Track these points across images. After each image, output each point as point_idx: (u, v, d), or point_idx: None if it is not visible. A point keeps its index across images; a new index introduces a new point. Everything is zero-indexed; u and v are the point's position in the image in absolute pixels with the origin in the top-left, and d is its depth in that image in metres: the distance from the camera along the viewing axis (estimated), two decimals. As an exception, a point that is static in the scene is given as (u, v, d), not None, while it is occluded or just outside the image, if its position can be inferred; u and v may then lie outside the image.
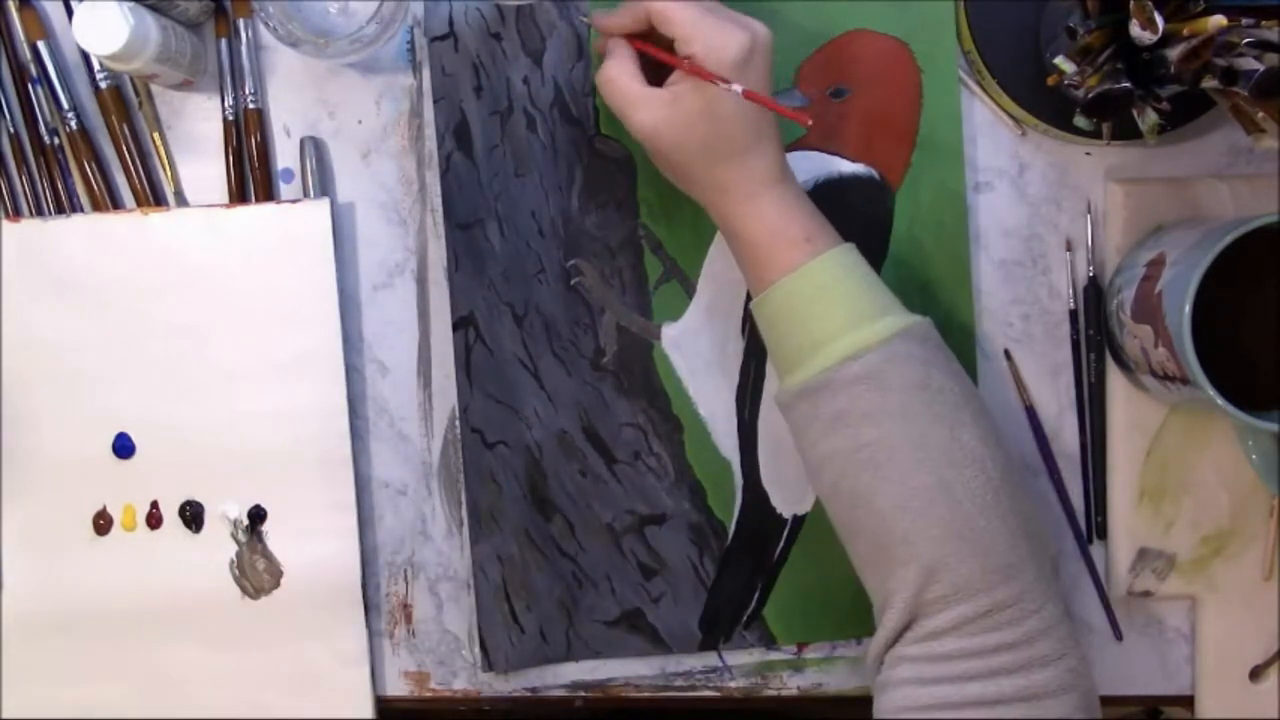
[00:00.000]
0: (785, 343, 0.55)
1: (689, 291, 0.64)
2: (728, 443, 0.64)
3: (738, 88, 0.51)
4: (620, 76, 0.55)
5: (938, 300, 0.63)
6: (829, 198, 0.61)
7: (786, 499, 0.64)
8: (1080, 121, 0.54)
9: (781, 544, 0.64)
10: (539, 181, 0.63)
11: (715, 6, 0.55)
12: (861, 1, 0.62)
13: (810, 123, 0.53)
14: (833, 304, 0.53)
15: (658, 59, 0.55)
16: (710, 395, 0.64)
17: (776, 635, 0.64)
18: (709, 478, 0.64)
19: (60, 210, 0.65)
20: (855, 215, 0.62)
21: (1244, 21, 0.48)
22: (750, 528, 0.64)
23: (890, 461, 0.51)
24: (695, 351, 0.64)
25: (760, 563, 0.64)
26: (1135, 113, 0.53)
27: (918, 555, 0.50)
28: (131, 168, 0.65)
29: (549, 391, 0.64)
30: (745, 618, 0.64)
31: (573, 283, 0.63)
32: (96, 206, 0.65)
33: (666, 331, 0.64)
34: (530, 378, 0.63)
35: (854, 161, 0.63)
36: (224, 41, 0.65)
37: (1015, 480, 0.53)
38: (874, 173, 0.62)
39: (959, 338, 0.62)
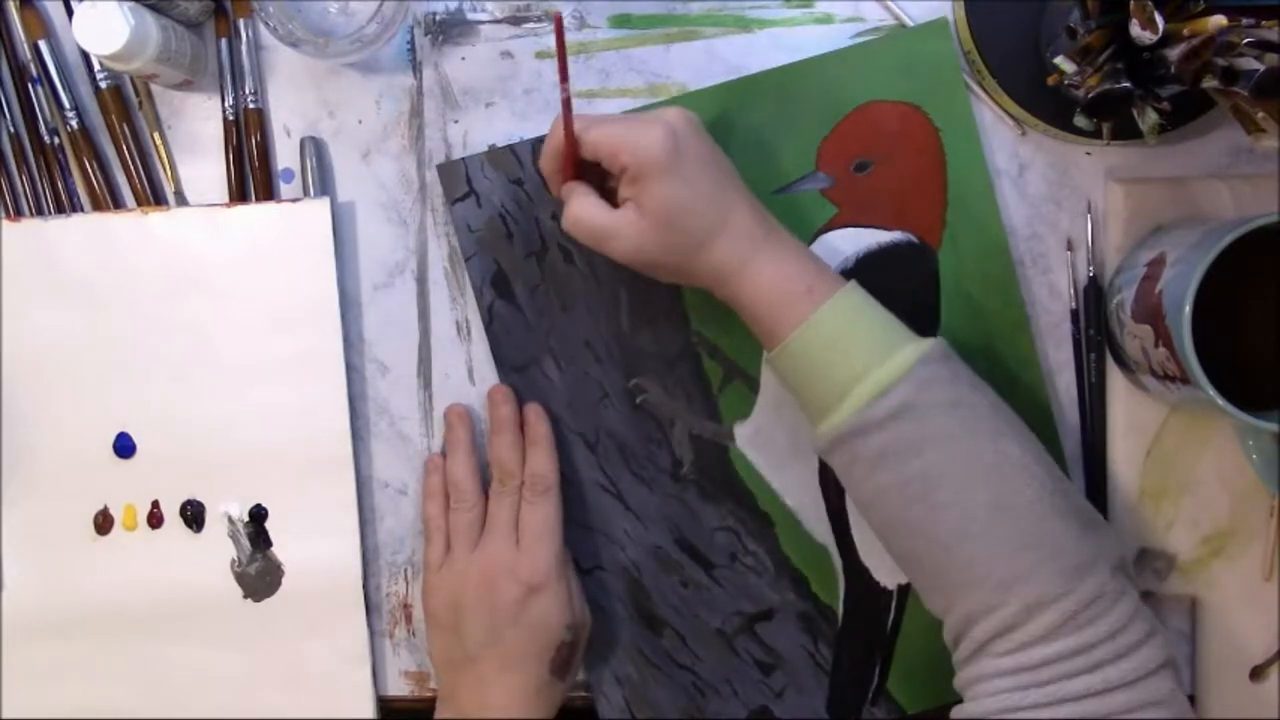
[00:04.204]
0: (808, 393, 0.55)
1: (753, 388, 0.64)
2: (820, 528, 0.64)
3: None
4: (584, 212, 0.56)
5: (1000, 352, 0.63)
6: (872, 270, 0.62)
7: (888, 570, 0.64)
8: (1080, 121, 0.54)
9: (892, 615, 0.64)
10: (586, 310, 0.63)
11: (627, 117, 0.56)
12: (867, 73, 0.62)
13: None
14: (848, 348, 0.53)
15: (603, 184, 0.57)
16: (794, 485, 0.64)
17: (904, 705, 0.64)
18: (808, 565, 0.64)
19: (60, 210, 0.65)
20: (901, 282, 0.62)
21: (1244, 21, 0.48)
22: (858, 606, 0.64)
23: (940, 489, 0.51)
24: (771, 445, 0.64)
25: (875, 638, 0.64)
26: (1135, 113, 0.53)
27: (989, 575, 0.50)
28: (132, 167, 0.65)
29: (635, 510, 0.64)
30: (871, 694, 0.64)
31: (638, 401, 0.64)
32: (97, 206, 0.65)
33: (739, 431, 0.64)
34: (614, 500, 0.64)
35: (890, 230, 0.63)
36: (224, 41, 0.65)
37: (1063, 478, 0.53)
38: (912, 237, 0.63)
39: (1025, 390, 0.62)
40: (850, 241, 0.63)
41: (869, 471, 0.53)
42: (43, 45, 0.64)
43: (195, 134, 0.66)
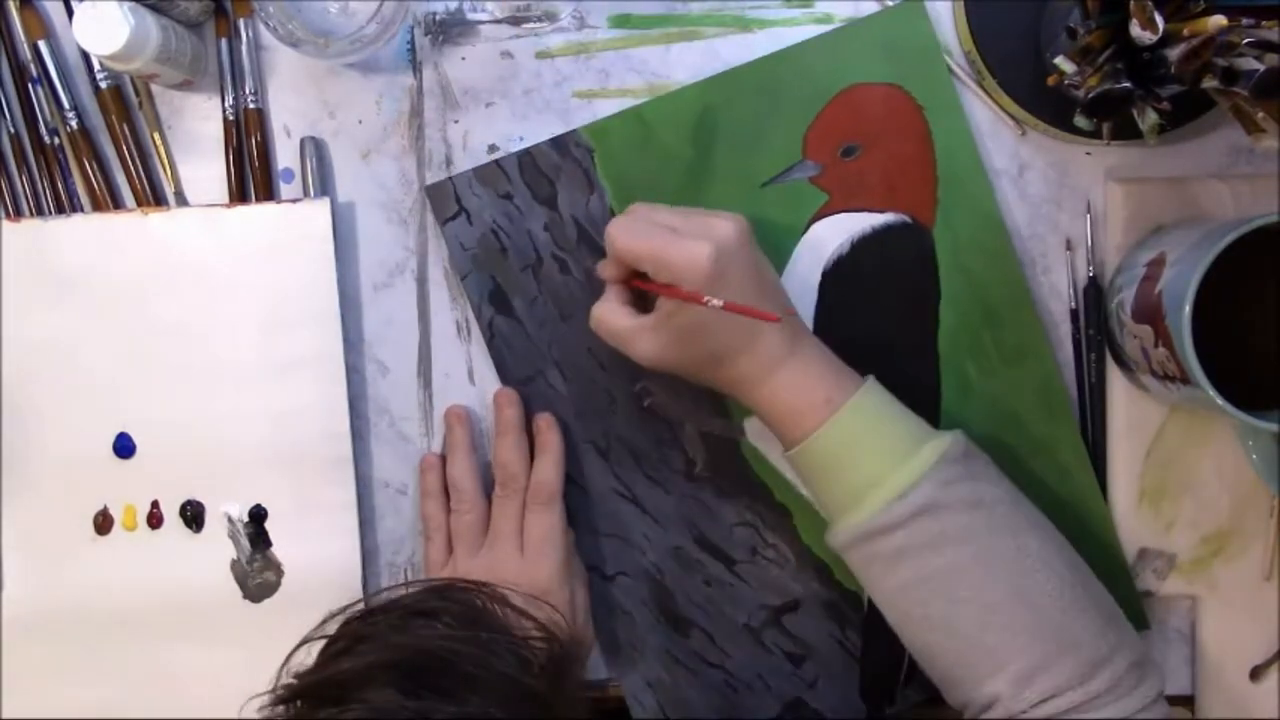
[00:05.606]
0: (826, 493, 0.56)
1: None
2: None
3: (717, 302, 0.52)
4: (606, 316, 0.58)
5: (1004, 327, 0.63)
6: (868, 253, 0.62)
7: None
8: (1080, 121, 0.54)
9: None
10: (586, 318, 0.63)
11: (681, 220, 0.56)
12: (847, 57, 0.62)
13: (778, 318, 0.52)
14: (866, 450, 0.54)
15: (647, 290, 0.57)
16: None
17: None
18: (829, 553, 0.63)
19: (60, 210, 0.65)
20: (899, 263, 0.63)
21: (1244, 21, 0.48)
22: None
23: (961, 584, 0.52)
24: None
25: None
26: (1135, 113, 0.53)
27: (1008, 663, 0.51)
28: (131, 168, 0.65)
29: (652, 513, 0.64)
30: (903, 676, 0.64)
31: (645, 404, 0.64)
32: (97, 206, 0.65)
33: (749, 426, 0.64)
34: (631, 505, 0.64)
35: (883, 212, 0.63)
36: (224, 41, 0.65)
37: (1086, 572, 0.54)
38: (906, 218, 0.63)
39: (1032, 361, 0.63)
40: (843, 227, 0.63)
41: (887, 568, 0.54)
42: (43, 45, 0.64)
43: (195, 134, 0.66)
